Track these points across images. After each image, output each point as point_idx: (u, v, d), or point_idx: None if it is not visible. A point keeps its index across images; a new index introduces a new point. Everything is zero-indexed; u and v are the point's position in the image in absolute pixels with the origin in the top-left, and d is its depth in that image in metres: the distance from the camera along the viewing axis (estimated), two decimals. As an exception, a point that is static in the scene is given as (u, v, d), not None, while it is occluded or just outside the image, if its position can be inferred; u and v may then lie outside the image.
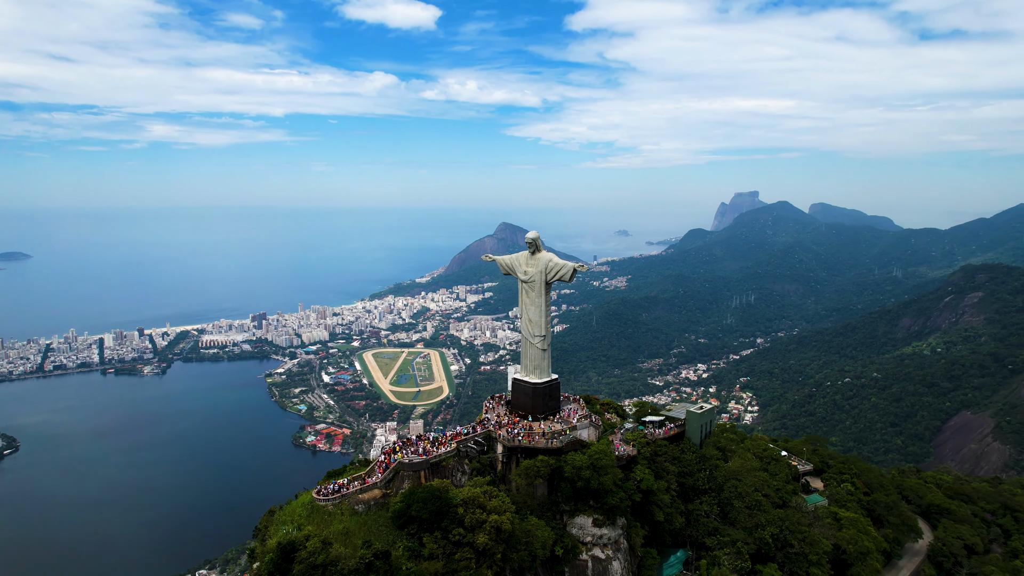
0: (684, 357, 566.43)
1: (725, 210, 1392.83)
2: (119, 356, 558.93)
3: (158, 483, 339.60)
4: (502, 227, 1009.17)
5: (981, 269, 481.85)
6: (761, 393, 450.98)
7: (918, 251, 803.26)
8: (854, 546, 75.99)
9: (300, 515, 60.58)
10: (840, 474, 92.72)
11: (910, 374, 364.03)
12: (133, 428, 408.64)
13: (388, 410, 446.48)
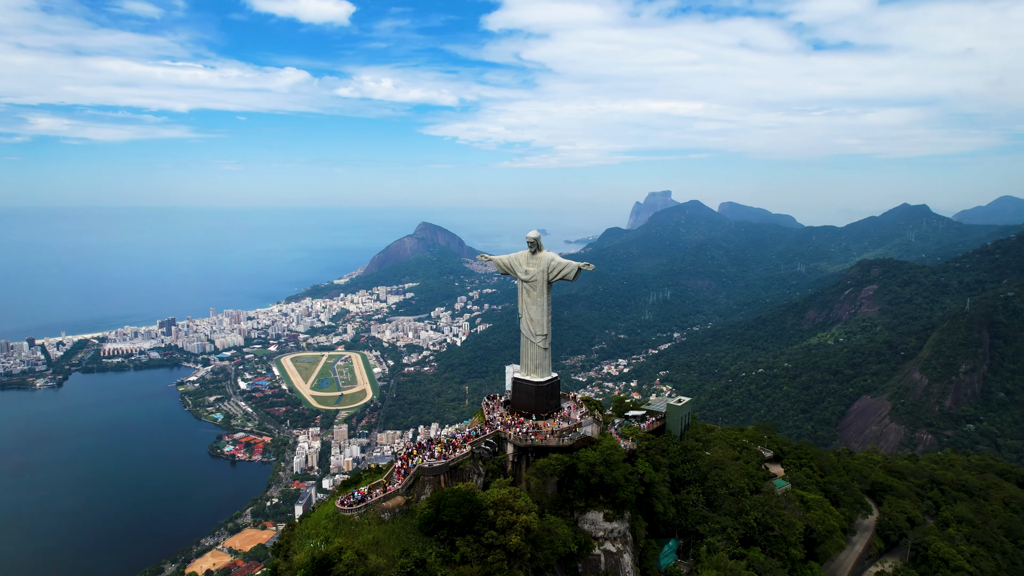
0: (605, 353, 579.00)
1: (640, 209, 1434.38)
2: (5, 369, 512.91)
3: (57, 506, 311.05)
4: (422, 227, 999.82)
5: (875, 264, 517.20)
6: (680, 385, 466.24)
7: (818, 247, 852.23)
8: (822, 525, 79.79)
9: (325, 528, 58.45)
10: (798, 459, 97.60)
11: (817, 363, 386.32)
12: (24, 446, 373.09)
13: (310, 416, 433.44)
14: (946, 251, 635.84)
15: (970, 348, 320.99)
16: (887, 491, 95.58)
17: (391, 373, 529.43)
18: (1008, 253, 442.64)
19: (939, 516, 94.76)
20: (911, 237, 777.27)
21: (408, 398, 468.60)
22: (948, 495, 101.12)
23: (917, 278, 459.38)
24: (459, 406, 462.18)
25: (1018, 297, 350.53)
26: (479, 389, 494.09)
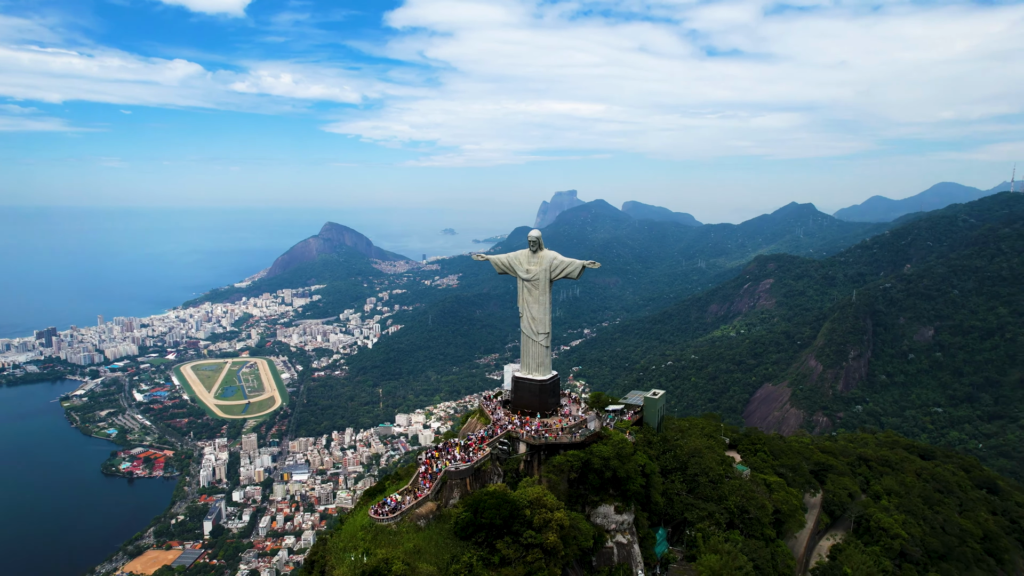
0: (518, 350, 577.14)
1: (547, 208, 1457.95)
2: None
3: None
4: (328, 227, 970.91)
5: (771, 259, 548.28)
6: (593, 380, 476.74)
7: (717, 244, 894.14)
8: (786, 506, 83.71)
9: (362, 539, 56.04)
10: (752, 444, 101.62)
11: (721, 354, 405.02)
12: None
13: (215, 426, 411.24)
14: (830, 246, 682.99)
15: (857, 336, 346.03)
16: (828, 470, 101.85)
17: (300, 378, 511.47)
18: (884, 248, 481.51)
19: (870, 490, 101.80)
20: (800, 234, 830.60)
21: (320, 403, 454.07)
22: (875, 470, 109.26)
23: (808, 272, 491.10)
24: (373, 409, 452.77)
25: (894, 288, 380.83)
26: (393, 392, 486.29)
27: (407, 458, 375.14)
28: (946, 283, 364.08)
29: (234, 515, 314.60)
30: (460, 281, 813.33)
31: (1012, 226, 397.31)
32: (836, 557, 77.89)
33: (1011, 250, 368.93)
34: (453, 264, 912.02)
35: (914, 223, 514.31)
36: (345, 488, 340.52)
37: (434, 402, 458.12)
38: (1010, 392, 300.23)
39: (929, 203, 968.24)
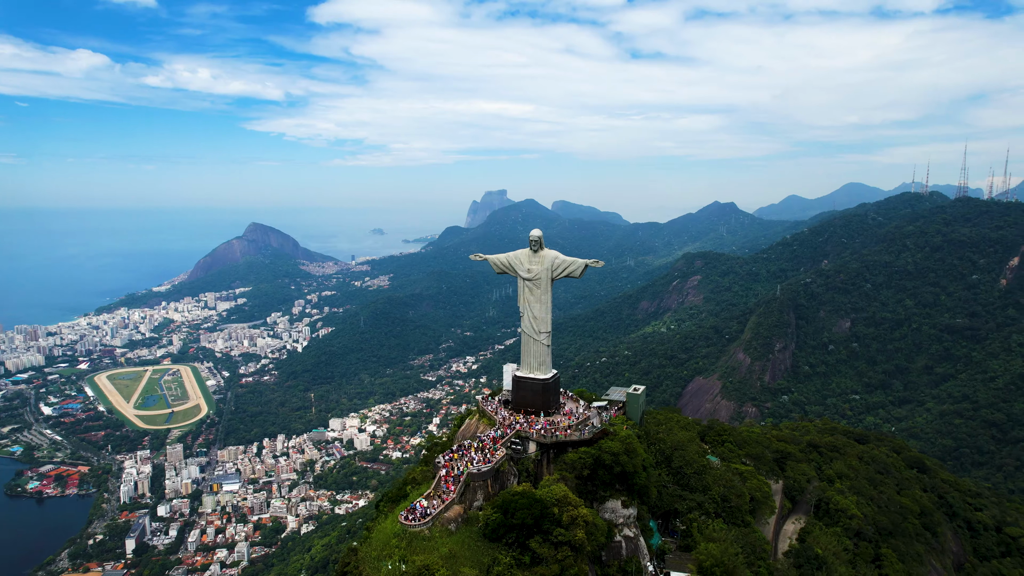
0: (453, 351, 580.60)
1: (477, 208, 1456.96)
2: None
3: None
4: (253, 228, 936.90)
5: (698, 256, 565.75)
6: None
7: (644, 242, 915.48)
8: (759, 493, 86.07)
9: (396, 546, 54.06)
10: (718, 435, 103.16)
11: (654, 349, 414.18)
12: None
13: (136, 438, 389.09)
14: (752, 244, 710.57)
15: (781, 329, 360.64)
16: (787, 458, 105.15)
17: (227, 385, 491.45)
18: (803, 245, 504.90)
19: (824, 474, 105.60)
20: (723, 232, 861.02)
21: (249, 410, 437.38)
22: (825, 456, 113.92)
23: (734, 268, 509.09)
24: (306, 414, 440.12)
25: (814, 283, 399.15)
26: (326, 396, 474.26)
27: (343, 463, 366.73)
28: (860, 278, 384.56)
29: (160, 531, 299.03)
30: (391, 282, 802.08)
31: (915, 224, 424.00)
32: (805, 539, 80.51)
33: (915, 246, 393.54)
34: (383, 265, 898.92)
35: (829, 221, 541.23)
36: (279, 496, 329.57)
37: (368, 405, 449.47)
38: (917, 378, 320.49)
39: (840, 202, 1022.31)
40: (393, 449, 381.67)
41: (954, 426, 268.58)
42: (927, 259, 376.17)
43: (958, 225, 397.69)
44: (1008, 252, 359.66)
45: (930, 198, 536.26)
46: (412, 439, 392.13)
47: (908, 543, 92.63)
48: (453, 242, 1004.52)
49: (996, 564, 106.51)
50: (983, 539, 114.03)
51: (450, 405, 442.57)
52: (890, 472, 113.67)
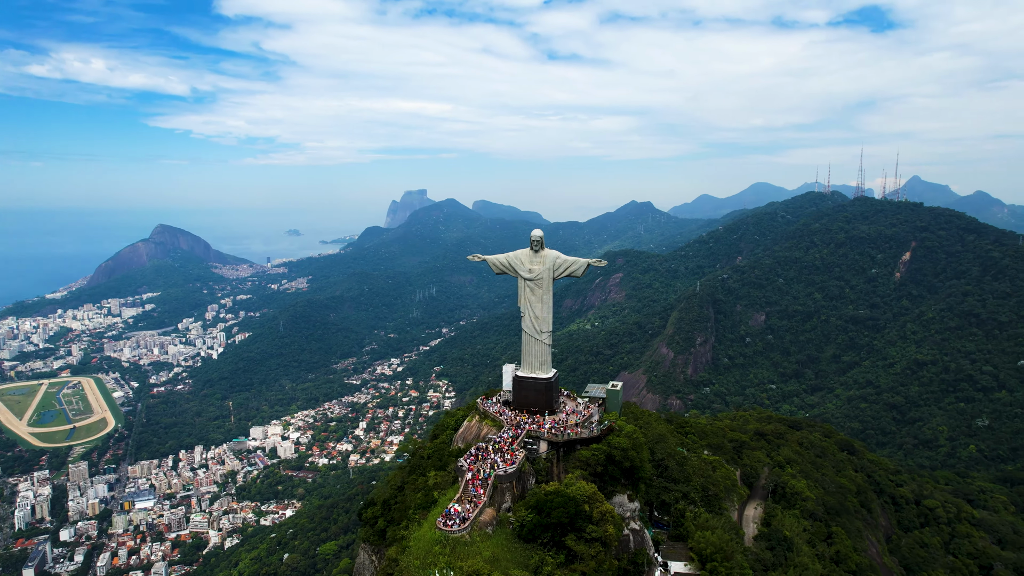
0: (377, 353, 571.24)
1: (397, 208, 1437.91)
2: None
3: None
4: (160, 230, 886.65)
5: (619, 254, 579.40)
6: (456, 379, 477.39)
7: (565, 241, 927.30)
8: (728, 481, 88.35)
9: (439, 553, 52.58)
10: (681, 427, 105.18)
11: (580, 346, 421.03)
12: None
13: (32, 458, 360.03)
14: (669, 242, 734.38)
15: (702, 323, 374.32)
16: (743, 447, 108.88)
17: (137, 396, 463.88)
18: (719, 242, 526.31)
19: (774, 461, 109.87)
20: (641, 230, 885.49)
21: (162, 422, 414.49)
22: (772, 443, 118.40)
23: (654, 266, 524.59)
24: (224, 424, 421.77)
25: (731, 278, 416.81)
26: (245, 403, 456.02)
27: (267, 472, 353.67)
28: (772, 273, 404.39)
29: (63, 557, 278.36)
30: (310, 284, 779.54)
31: (820, 222, 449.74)
32: (771, 523, 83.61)
33: (821, 243, 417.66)
34: (301, 267, 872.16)
35: (742, 220, 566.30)
36: (199, 511, 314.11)
37: (291, 412, 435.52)
38: (826, 366, 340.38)
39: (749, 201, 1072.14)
40: (319, 456, 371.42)
41: (860, 410, 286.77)
42: (832, 255, 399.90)
43: (858, 223, 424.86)
44: (901, 248, 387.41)
45: (832, 197, 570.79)
46: (339, 445, 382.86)
47: (850, 520, 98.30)
48: (373, 243, 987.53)
49: (917, 534, 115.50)
50: (905, 512, 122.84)
51: (376, 409, 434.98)
52: (826, 455, 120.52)
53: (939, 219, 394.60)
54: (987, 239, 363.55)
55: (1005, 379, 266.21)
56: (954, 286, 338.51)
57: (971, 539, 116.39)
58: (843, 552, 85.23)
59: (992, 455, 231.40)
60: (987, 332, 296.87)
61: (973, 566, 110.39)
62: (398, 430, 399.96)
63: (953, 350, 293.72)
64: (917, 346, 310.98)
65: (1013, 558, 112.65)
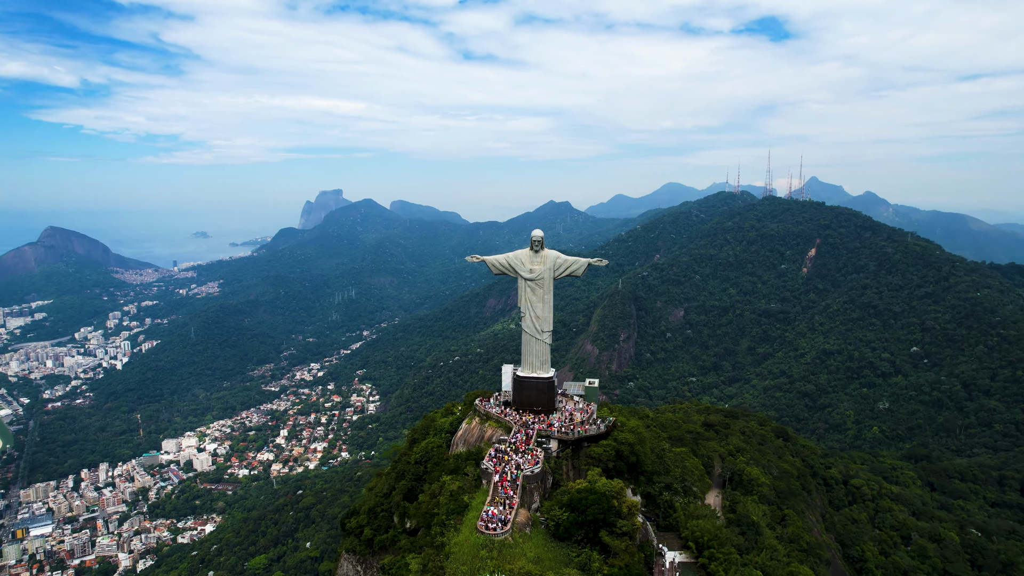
0: (296, 359, 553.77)
1: (311, 208, 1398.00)
2: None
3: None
4: (50, 232, 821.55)
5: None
6: (380, 382, 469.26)
7: (486, 241, 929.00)
8: (697, 472, 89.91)
9: (487, 557, 51.50)
10: (642, 420, 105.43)
11: (505, 345, 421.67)
12: None
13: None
14: (587, 241, 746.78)
15: (625, 320, 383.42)
16: (699, 437, 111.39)
17: (28, 413, 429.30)
18: (637, 241, 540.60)
19: (726, 449, 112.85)
20: (560, 230, 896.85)
21: (60, 439, 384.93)
22: (720, 433, 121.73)
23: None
24: (133, 438, 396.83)
25: (651, 276, 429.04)
26: (155, 416, 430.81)
27: (183, 487, 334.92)
28: (690, 270, 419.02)
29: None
30: (222, 288, 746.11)
31: (732, 220, 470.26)
32: (736, 509, 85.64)
33: (734, 240, 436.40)
34: (211, 270, 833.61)
35: (659, 218, 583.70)
36: (107, 533, 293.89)
37: (206, 422, 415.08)
38: (743, 358, 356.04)
39: (662, 201, 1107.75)
40: (239, 467, 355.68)
41: (775, 399, 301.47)
42: (745, 251, 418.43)
43: (767, 221, 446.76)
44: (807, 244, 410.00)
45: (742, 197, 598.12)
46: (259, 455, 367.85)
47: (795, 502, 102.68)
48: (288, 244, 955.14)
49: (847, 511, 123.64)
50: (835, 491, 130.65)
51: (297, 416, 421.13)
52: (767, 442, 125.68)
53: (839, 217, 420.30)
54: (881, 236, 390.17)
55: (900, 365, 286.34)
56: (854, 280, 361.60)
57: (892, 513, 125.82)
58: (796, 533, 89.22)
59: (892, 435, 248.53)
60: (884, 322, 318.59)
61: (896, 537, 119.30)
62: (321, 437, 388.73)
63: (856, 339, 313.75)
64: (824, 337, 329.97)
65: (927, 527, 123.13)
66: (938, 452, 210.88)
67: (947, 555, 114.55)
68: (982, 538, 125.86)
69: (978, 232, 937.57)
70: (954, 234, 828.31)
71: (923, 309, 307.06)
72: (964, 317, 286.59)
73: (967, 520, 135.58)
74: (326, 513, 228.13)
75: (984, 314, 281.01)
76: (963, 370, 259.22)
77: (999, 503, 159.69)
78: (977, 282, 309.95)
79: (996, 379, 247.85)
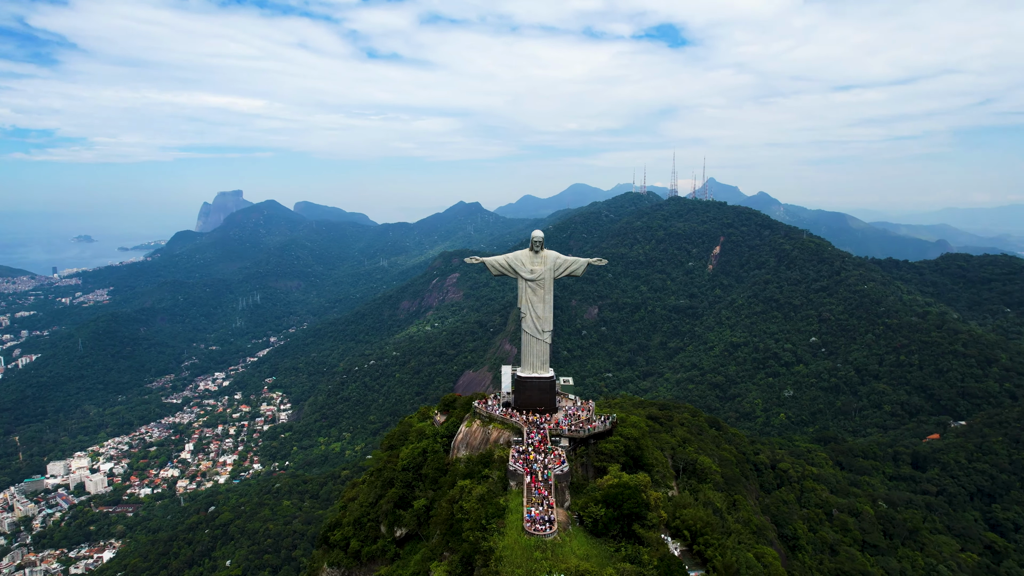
0: (198, 368, 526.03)
1: (209, 210, 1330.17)
2: None
3: None
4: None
5: (455, 254, 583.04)
6: (291, 390, 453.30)
7: (396, 242, 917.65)
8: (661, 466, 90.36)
9: (540, 557, 51.23)
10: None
11: (422, 348, 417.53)
12: None
13: None
14: (499, 241, 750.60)
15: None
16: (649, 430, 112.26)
17: None
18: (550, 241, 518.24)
19: (675, 440, 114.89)
20: (471, 230, 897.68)
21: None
22: (665, 425, 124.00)
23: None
24: (11, 463, 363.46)
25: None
26: (38, 436, 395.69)
27: (74, 513, 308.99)
28: (602, 268, 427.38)
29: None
30: (112, 296, 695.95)
31: (641, 220, 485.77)
32: (698, 497, 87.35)
33: (644, 239, 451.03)
34: (99, 277, 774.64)
35: (570, 219, 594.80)
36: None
37: (99, 440, 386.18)
38: (655, 353, 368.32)
39: (569, 201, 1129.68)
40: (140, 486, 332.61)
41: (688, 391, 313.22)
42: (654, 250, 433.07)
43: (674, 220, 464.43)
44: (711, 242, 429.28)
45: (648, 197, 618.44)
46: (163, 471, 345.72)
47: (739, 488, 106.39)
48: (186, 248, 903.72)
49: (777, 493, 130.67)
50: (765, 475, 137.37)
51: (203, 428, 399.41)
52: (703, 432, 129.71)
53: (741, 217, 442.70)
54: (779, 234, 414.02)
55: (801, 354, 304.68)
56: (756, 275, 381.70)
57: (815, 492, 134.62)
58: (747, 516, 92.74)
59: (798, 420, 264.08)
60: (785, 314, 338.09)
61: (821, 514, 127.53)
62: (231, 449, 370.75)
63: (760, 332, 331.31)
64: (731, 330, 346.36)
65: (845, 503, 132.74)
66: (839, 434, 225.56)
67: (864, 527, 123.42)
68: (890, 509, 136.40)
69: (856, 230, 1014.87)
70: (837, 232, 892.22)
71: (819, 302, 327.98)
72: (855, 308, 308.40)
73: (874, 494, 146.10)
74: (246, 528, 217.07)
75: (871, 305, 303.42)
76: (856, 357, 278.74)
77: (896, 476, 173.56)
78: (864, 276, 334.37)
79: (883, 364, 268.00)
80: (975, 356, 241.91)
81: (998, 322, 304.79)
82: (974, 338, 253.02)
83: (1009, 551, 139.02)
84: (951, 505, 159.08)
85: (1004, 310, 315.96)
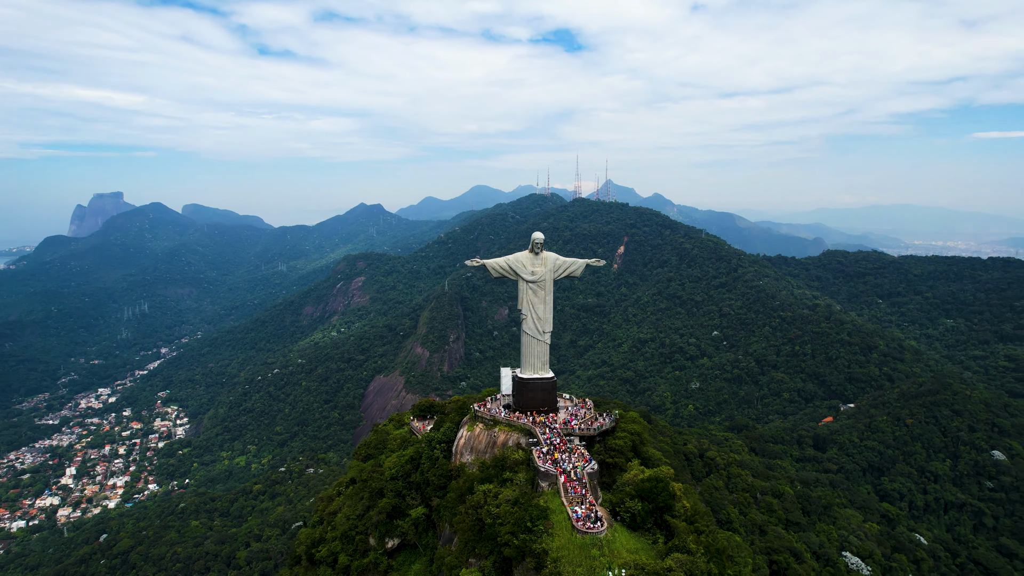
0: (79, 385, 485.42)
1: (84, 213, 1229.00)
2: None
3: None
4: None
5: (359, 257, 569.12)
6: (188, 403, 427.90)
7: (294, 246, 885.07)
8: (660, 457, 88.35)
9: (596, 555, 51.40)
10: None
11: (329, 354, 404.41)
12: None
13: None
14: (402, 243, 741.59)
15: (453, 321, 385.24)
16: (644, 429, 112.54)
17: None
18: (457, 243, 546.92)
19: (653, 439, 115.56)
20: (373, 232, 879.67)
21: None
22: None
23: (396, 268, 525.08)
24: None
25: (474, 276, 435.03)
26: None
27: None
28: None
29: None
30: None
31: (547, 221, 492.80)
32: None
33: (550, 239, 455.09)
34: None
35: (477, 220, 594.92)
36: None
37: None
38: (566, 351, 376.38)
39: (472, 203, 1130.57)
40: (11, 519, 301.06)
41: (600, 387, 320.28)
42: (560, 250, 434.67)
43: (579, 221, 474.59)
44: (616, 242, 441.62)
45: (552, 199, 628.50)
46: (39, 500, 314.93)
47: (682, 477, 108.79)
48: (59, 254, 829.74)
49: (708, 481, 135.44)
50: (695, 464, 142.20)
51: (87, 449, 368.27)
52: (657, 430, 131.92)
53: (643, 217, 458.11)
54: (679, 233, 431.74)
55: (705, 348, 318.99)
56: (660, 273, 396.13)
57: (741, 477, 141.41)
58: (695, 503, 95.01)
59: (705, 411, 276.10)
60: (688, 310, 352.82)
61: (748, 498, 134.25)
62: (121, 470, 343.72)
63: (666, 327, 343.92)
64: (638, 326, 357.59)
65: (767, 486, 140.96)
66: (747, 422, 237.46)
67: (787, 507, 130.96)
68: (805, 489, 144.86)
69: (744, 229, 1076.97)
70: (727, 230, 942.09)
71: (719, 297, 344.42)
72: (752, 303, 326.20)
73: (790, 476, 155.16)
74: (150, 555, 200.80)
75: (767, 299, 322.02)
76: (755, 349, 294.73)
77: (802, 458, 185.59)
78: (758, 272, 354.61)
79: (780, 354, 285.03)
80: (858, 344, 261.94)
81: (873, 312, 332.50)
82: (856, 328, 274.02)
83: (901, 518, 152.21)
84: (849, 480, 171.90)
85: (877, 301, 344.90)
